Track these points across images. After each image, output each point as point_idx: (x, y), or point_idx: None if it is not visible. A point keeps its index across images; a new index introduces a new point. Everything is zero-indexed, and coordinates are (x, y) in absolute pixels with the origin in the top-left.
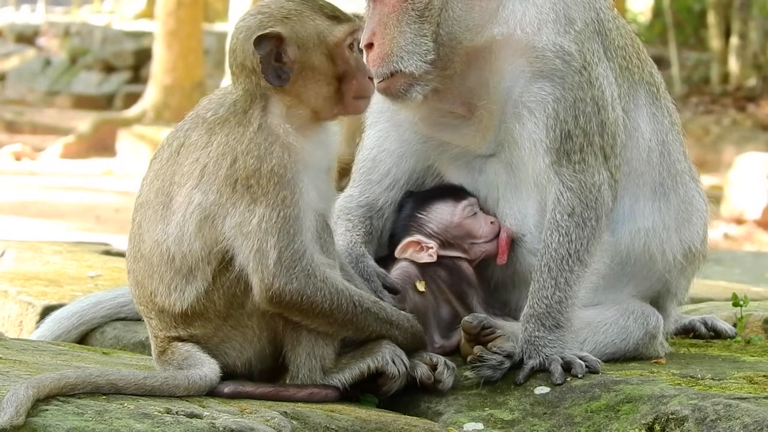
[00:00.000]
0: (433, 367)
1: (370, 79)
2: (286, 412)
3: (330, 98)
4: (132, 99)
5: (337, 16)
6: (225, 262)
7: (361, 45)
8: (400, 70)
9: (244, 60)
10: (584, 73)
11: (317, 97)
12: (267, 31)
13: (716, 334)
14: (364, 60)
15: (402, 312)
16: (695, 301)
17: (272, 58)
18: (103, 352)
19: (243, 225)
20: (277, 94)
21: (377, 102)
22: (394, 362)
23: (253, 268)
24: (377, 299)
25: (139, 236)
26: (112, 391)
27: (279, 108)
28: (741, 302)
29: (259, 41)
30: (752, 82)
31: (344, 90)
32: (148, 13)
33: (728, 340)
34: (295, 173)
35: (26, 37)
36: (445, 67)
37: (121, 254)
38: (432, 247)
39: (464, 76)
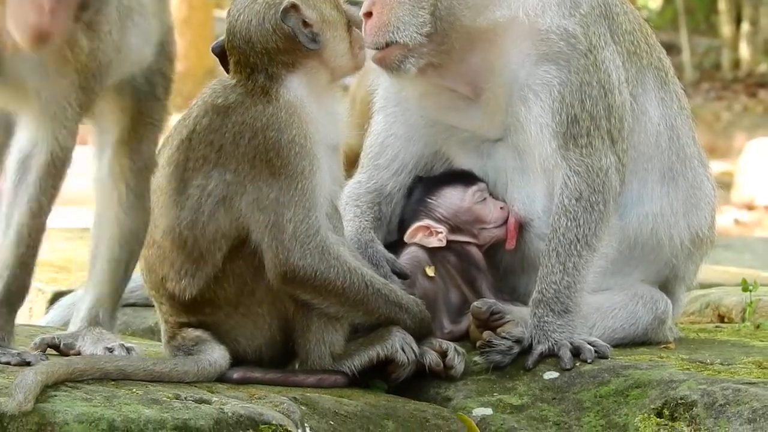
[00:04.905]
0: (443, 354)
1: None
2: (295, 398)
3: (347, 51)
4: None
5: None
6: (235, 247)
7: (361, 13)
8: (396, 41)
9: (266, 44)
10: (590, 56)
11: (339, 51)
12: (285, 4)
13: None
14: (363, 29)
15: (411, 296)
16: (704, 286)
17: (301, 25)
18: None
19: (260, 200)
20: (304, 62)
21: (385, 87)
22: (403, 350)
23: (267, 243)
24: (387, 281)
25: (152, 222)
26: (121, 377)
27: (299, 80)
28: (750, 287)
29: (284, 15)
30: (763, 68)
31: (352, 42)
32: None
33: (737, 325)
34: (314, 144)
35: None
36: (441, 42)
37: None
38: (441, 232)
39: (464, 55)
